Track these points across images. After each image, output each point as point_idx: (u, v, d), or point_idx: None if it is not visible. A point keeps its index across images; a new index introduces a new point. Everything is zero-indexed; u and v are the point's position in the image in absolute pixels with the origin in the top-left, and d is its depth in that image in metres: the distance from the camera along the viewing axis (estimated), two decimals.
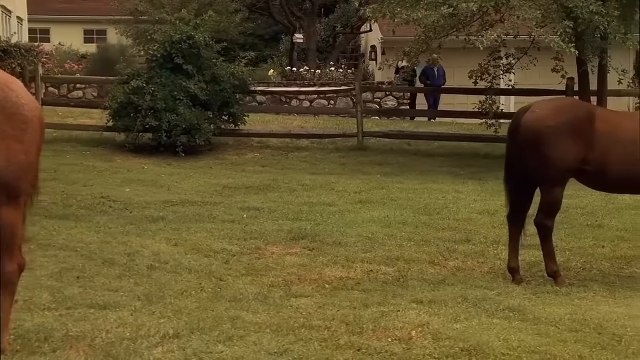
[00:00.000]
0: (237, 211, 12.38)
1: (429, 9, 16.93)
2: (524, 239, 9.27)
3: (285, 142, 21.16)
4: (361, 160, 19.63)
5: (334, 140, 21.30)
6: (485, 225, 11.94)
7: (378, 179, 16.82)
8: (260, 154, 20.04)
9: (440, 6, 16.54)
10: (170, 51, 19.08)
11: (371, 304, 7.69)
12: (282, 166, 18.85)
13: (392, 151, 20.60)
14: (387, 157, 19.94)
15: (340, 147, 20.85)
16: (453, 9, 16.35)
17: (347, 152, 20.36)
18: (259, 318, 6.95)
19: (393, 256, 9.95)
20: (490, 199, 13.95)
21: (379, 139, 21.33)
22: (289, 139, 21.27)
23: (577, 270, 9.69)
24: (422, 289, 8.50)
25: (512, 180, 9.02)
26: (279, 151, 20.36)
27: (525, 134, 8.72)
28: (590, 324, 7.16)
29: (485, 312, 7.54)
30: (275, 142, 21.10)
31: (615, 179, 8.80)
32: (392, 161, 19.50)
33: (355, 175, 17.50)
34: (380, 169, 18.65)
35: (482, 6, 16.34)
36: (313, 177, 16.71)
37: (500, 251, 10.17)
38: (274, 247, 10.16)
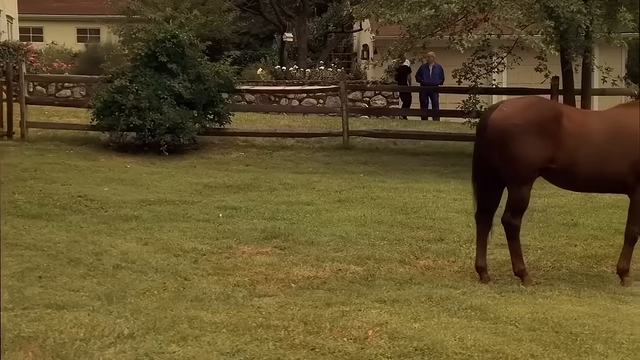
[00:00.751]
0: (213, 210, 12.36)
1: (411, 10, 16.94)
2: (491, 237, 9.24)
3: (271, 142, 21.16)
4: (346, 159, 19.63)
5: (320, 139, 21.30)
6: (461, 224, 11.93)
7: (361, 178, 16.82)
8: (245, 153, 20.03)
9: (423, 7, 16.53)
10: (155, 50, 19.06)
11: (334, 304, 7.68)
12: (266, 165, 18.85)
13: (378, 150, 20.61)
14: (372, 156, 19.94)
15: (326, 146, 20.85)
16: (435, 10, 16.34)
17: (333, 151, 20.36)
18: (217, 318, 6.94)
19: (364, 255, 9.95)
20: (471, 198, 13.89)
21: (366, 138, 21.33)
22: (274, 139, 21.27)
23: (546, 269, 9.70)
24: (387, 288, 8.50)
25: (480, 179, 9.03)
26: (264, 150, 20.36)
27: (492, 132, 8.72)
28: (549, 322, 7.15)
29: (446, 311, 7.53)
30: (261, 142, 21.10)
31: (582, 177, 8.81)
32: (377, 160, 19.50)
33: (339, 174, 17.49)
34: (364, 168, 18.66)
35: (464, 7, 16.32)
36: (296, 176, 16.70)
37: (472, 250, 10.11)
38: (246, 247, 10.14)
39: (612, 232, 11.34)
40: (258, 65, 31.14)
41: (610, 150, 8.71)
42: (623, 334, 6.87)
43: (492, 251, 9.97)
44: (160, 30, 19.31)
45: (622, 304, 8.06)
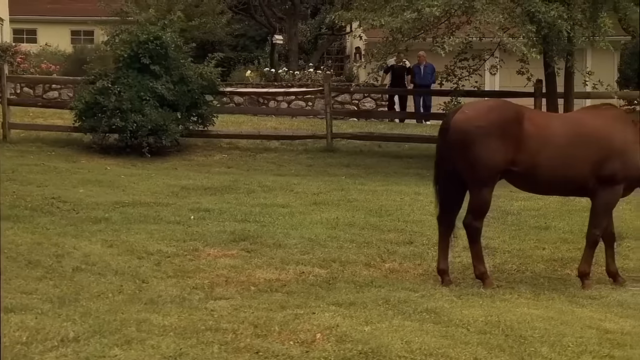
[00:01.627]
0: (186, 212, 12.33)
1: (393, 14, 16.95)
2: (454, 240, 9.23)
3: (255, 144, 21.14)
4: (329, 162, 19.61)
5: (304, 141, 21.28)
6: (433, 227, 11.72)
7: (341, 180, 16.80)
8: (229, 155, 20.01)
9: (404, 11, 16.53)
10: (137, 51, 19.02)
11: (289, 307, 7.67)
12: (249, 167, 18.83)
13: (362, 153, 20.60)
14: (355, 158, 19.92)
15: (310, 148, 20.83)
16: (417, 13, 16.34)
17: (316, 153, 20.34)
18: (167, 321, 6.92)
19: (330, 258, 9.94)
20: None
21: (351, 141, 21.32)
22: (259, 141, 21.25)
23: (511, 272, 9.69)
24: (347, 291, 8.48)
25: (442, 181, 9.01)
26: (247, 152, 20.34)
27: (454, 134, 8.71)
28: (501, 326, 7.15)
29: (401, 315, 7.52)
30: (245, 144, 21.08)
31: (543, 180, 8.81)
32: (360, 163, 19.48)
33: (320, 176, 17.47)
34: (347, 170, 18.64)
35: (446, 11, 16.32)
36: (276, 178, 16.68)
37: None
38: (212, 249, 10.12)
39: (582, 235, 11.06)
40: (247, 67, 31.05)
41: (572, 153, 8.70)
42: (572, 337, 6.87)
43: (459, 254, 9.97)
44: (143, 32, 19.26)
45: (579, 307, 8.05)
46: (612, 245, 9.24)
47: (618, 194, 8.92)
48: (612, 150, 8.74)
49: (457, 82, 18.87)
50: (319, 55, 34.18)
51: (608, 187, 8.80)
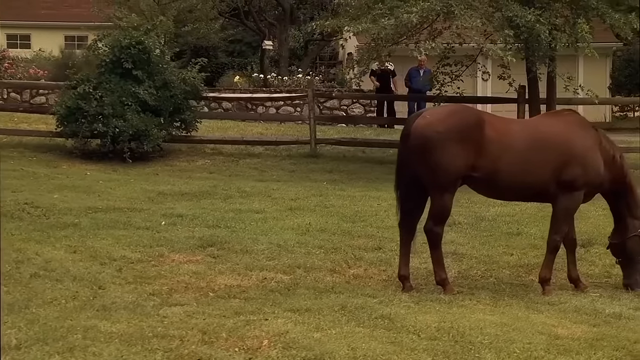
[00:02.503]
0: (158, 218, 12.30)
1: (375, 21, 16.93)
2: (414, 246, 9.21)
3: (239, 149, 21.09)
4: (312, 167, 19.57)
5: (289, 147, 21.25)
6: None
7: (322, 186, 16.76)
8: (211, 161, 19.97)
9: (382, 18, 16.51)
10: (120, 56, 18.98)
11: (243, 313, 7.64)
12: (231, 173, 18.78)
13: (345, 159, 20.56)
14: (338, 164, 19.87)
15: (294, 154, 20.79)
16: (395, 19, 16.33)
17: (299, 159, 20.30)
18: (115, 328, 6.89)
19: (295, 264, 9.90)
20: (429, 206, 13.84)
21: (336, 147, 21.29)
22: (243, 146, 21.20)
23: (475, 278, 9.67)
24: (306, 297, 8.45)
25: (404, 187, 8.97)
26: (230, 158, 20.29)
27: (415, 139, 8.69)
28: (452, 332, 7.14)
29: (355, 321, 7.50)
30: (230, 149, 21.03)
31: (504, 186, 8.79)
32: (343, 169, 19.43)
33: (301, 182, 17.43)
34: (329, 176, 18.59)
35: (424, 16, 16.29)
36: (256, 184, 16.65)
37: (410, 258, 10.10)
38: (177, 255, 10.09)
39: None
40: (235, 73, 31.04)
41: (532, 158, 8.68)
42: (520, 343, 6.85)
43: (425, 260, 9.92)
44: (125, 37, 19.22)
45: (535, 313, 8.03)
46: (573, 251, 9.22)
47: (579, 200, 8.90)
48: (572, 156, 8.72)
49: (440, 88, 18.82)
50: (309, 60, 34.14)
51: (568, 192, 8.78)
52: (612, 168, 8.92)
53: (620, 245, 9.08)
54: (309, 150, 20.72)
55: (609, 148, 8.94)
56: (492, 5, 16.61)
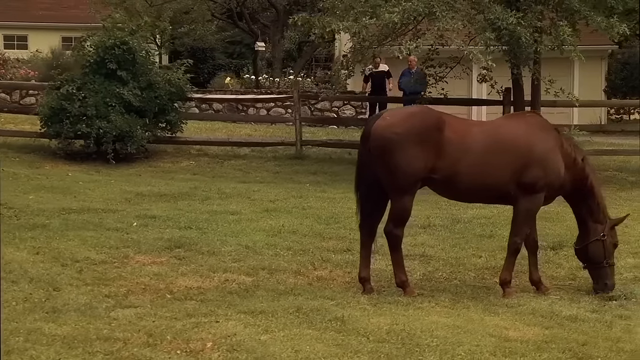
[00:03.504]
0: (130, 219, 12.25)
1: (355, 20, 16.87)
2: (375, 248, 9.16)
3: (225, 151, 21.06)
4: (296, 169, 19.53)
5: (275, 148, 21.21)
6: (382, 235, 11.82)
7: (304, 187, 16.73)
8: (196, 162, 19.94)
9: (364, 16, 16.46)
10: (104, 57, 18.95)
11: (195, 315, 7.60)
12: (214, 174, 18.75)
13: (331, 160, 20.51)
14: (323, 166, 19.83)
15: (280, 155, 20.76)
16: (376, 19, 16.28)
17: (285, 160, 20.28)
18: (60, 330, 6.85)
19: (260, 266, 9.85)
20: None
21: (322, 148, 21.24)
22: (229, 148, 21.16)
23: (439, 280, 9.61)
24: (264, 299, 8.41)
25: (364, 188, 8.91)
26: (215, 159, 20.26)
27: (374, 140, 8.63)
28: (403, 334, 7.10)
29: (306, 323, 7.46)
30: (216, 150, 20.99)
31: (464, 188, 8.73)
32: (327, 170, 19.39)
33: (284, 184, 17.41)
34: (313, 177, 18.56)
35: (405, 17, 16.21)
36: (238, 185, 16.62)
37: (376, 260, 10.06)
38: (142, 256, 10.04)
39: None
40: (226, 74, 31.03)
41: (493, 160, 8.62)
42: (468, 346, 6.82)
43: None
44: (110, 37, 19.18)
45: (491, 316, 7.97)
46: (535, 253, 9.16)
47: (539, 202, 8.84)
48: (532, 158, 8.66)
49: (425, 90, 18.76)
50: (303, 62, 34.10)
51: (529, 194, 8.71)
52: (573, 170, 8.85)
53: (583, 250, 9.01)
54: (294, 152, 20.65)
55: (570, 150, 8.88)
56: (474, 7, 16.54)
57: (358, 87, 27.71)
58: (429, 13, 16.30)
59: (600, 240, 8.88)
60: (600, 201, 8.96)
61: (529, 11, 16.49)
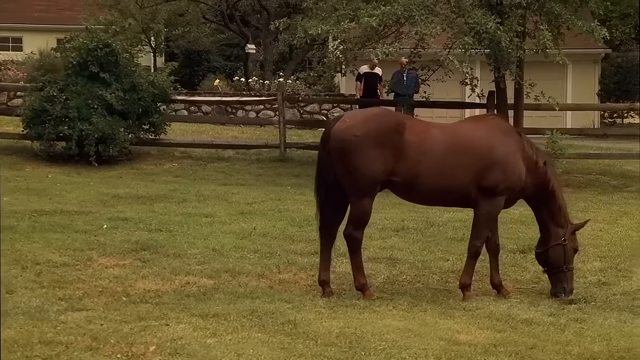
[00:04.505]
0: (101, 221, 12.19)
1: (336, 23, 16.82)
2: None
3: (209, 153, 20.98)
4: (279, 171, 19.46)
5: (259, 151, 21.14)
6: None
7: (284, 190, 16.67)
8: (179, 164, 19.87)
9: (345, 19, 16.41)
10: (87, 59, 18.89)
11: (147, 318, 7.54)
12: (196, 177, 18.68)
13: (314, 163, 19.83)
14: (307, 168, 19.68)
15: (264, 158, 20.70)
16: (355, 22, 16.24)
17: (268, 163, 20.21)
18: (4, 334, 6.75)
19: (224, 269, 9.79)
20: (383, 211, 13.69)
21: (307, 151, 21.14)
22: (214, 150, 21.09)
23: (403, 283, 9.54)
24: (220, 302, 8.34)
25: (323, 191, 8.84)
26: (199, 162, 20.19)
27: (334, 143, 8.58)
28: (352, 338, 7.07)
29: (258, 327, 7.40)
30: (200, 153, 20.92)
31: (425, 190, 8.66)
32: (311, 173, 18.93)
33: (265, 186, 17.36)
34: (295, 180, 18.47)
35: (383, 20, 16.16)
36: (218, 187, 16.56)
37: (340, 263, 10.03)
38: (106, 259, 9.98)
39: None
40: (216, 76, 30.97)
41: (453, 163, 8.55)
42: (414, 349, 6.79)
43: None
44: (92, 39, 19.12)
45: (446, 319, 7.92)
46: (496, 257, 9.09)
47: (500, 205, 8.77)
48: (493, 161, 8.59)
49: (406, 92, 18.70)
50: (294, 64, 34.00)
51: (490, 197, 8.65)
52: (535, 174, 8.78)
53: (544, 254, 8.94)
54: (278, 155, 20.59)
55: (532, 154, 8.81)
56: (454, 11, 16.46)
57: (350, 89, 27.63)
58: (408, 17, 16.24)
59: (561, 245, 8.81)
60: (562, 205, 8.89)
61: (510, 15, 16.40)
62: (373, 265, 10.22)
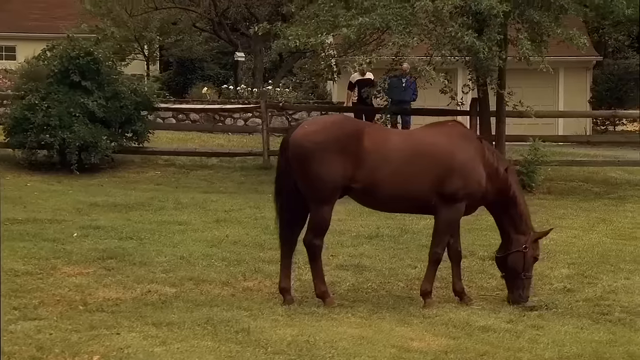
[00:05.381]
0: (73, 230, 12.13)
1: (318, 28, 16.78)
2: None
3: (193, 161, 20.90)
4: (262, 179, 19.31)
5: (244, 158, 21.07)
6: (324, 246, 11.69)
7: (264, 198, 16.36)
8: (162, 173, 19.78)
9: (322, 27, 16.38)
10: (68, 67, 18.84)
11: (99, 327, 7.48)
12: (178, 185, 18.58)
13: None
14: None
15: (248, 166, 20.62)
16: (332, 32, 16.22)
17: (252, 171, 20.14)
18: None
19: (188, 277, 9.72)
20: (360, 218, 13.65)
21: None
22: (198, 158, 21.02)
23: (367, 291, 9.47)
24: (178, 310, 8.28)
25: (283, 198, 8.78)
26: (182, 170, 20.11)
27: (293, 150, 8.53)
28: (303, 346, 7.06)
29: (211, 335, 7.36)
30: (184, 161, 20.83)
31: (384, 197, 8.60)
32: None
33: (246, 194, 17.27)
34: None
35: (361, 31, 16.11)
36: (198, 195, 16.47)
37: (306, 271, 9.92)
38: (70, 267, 9.91)
39: (463, 254, 11.07)
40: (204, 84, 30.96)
41: (412, 170, 8.50)
42: (364, 357, 6.81)
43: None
44: (74, 47, 19.08)
45: (403, 326, 7.87)
46: (458, 264, 9.01)
47: (460, 212, 8.70)
48: (453, 167, 8.53)
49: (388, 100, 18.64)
50: (284, 72, 33.95)
51: (450, 204, 8.58)
52: (496, 180, 8.72)
53: (503, 260, 8.88)
54: (262, 162, 20.52)
55: (492, 160, 8.74)
56: (432, 21, 16.39)
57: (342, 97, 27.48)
58: (386, 28, 16.19)
59: (521, 252, 8.73)
60: (523, 212, 8.81)
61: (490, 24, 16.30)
62: (340, 272, 10.17)
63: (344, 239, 12.24)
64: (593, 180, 19.32)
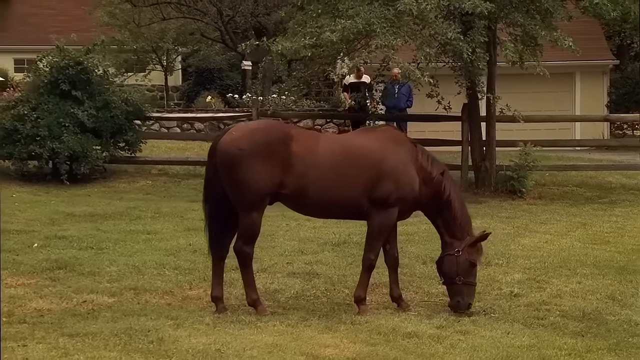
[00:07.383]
0: (35, 240, 12.05)
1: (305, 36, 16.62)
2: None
3: (187, 170, 20.73)
4: None
5: None
6: (286, 252, 11.57)
7: None
8: (153, 182, 19.67)
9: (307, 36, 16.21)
10: (58, 77, 18.81)
11: (10, 339, 7.35)
12: (167, 194, 18.46)
13: None
14: None
15: None
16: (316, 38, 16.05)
17: None
18: None
19: (132, 286, 9.58)
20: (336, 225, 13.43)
21: None
22: (192, 167, 20.88)
23: (309, 298, 9.31)
24: (102, 321, 8.16)
25: (212, 205, 8.61)
26: (173, 179, 20.00)
27: (220, 156, 8.37)
28: (212, 355, 7.05)
29: (122, 345, 7.24)
30: (177, 170, 20.69)
31: (314, 203, 8.41)
32: None
33: None
34: None
35: (345, 35, 15.92)
36: (182, 204, 16.34)
37: (260, 279, 9.75)
38: (14, 278, 9.79)
39: (422, 260, 10.87)
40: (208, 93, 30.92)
41: (342, 174, 8.30)
42: None
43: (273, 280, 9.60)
44: (64, 57, 19.06)
45: (327, 333, 7.74)
46: (395, 270, 8.79)
47: (393, 217, 8.47)
48: (383, 172, 8.32)
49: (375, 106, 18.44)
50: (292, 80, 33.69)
51: (382, 209, 8.36)
52: (429, 185, 8.48)
53: (437, 264, 8.64)
54: None
55: (426, 164, 8.50)
56: (417, 23, 16.17)
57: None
58: (370, 30, 15.99)
59: (453, 256, 8.46)
60: (458, 216, 8.53)
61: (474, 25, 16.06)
62: (289, 280, 9.99)
63: (307, 246, 12.06)
64: (587, 184, 18.96)
